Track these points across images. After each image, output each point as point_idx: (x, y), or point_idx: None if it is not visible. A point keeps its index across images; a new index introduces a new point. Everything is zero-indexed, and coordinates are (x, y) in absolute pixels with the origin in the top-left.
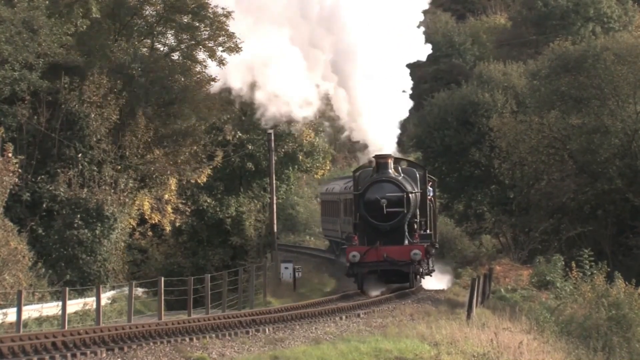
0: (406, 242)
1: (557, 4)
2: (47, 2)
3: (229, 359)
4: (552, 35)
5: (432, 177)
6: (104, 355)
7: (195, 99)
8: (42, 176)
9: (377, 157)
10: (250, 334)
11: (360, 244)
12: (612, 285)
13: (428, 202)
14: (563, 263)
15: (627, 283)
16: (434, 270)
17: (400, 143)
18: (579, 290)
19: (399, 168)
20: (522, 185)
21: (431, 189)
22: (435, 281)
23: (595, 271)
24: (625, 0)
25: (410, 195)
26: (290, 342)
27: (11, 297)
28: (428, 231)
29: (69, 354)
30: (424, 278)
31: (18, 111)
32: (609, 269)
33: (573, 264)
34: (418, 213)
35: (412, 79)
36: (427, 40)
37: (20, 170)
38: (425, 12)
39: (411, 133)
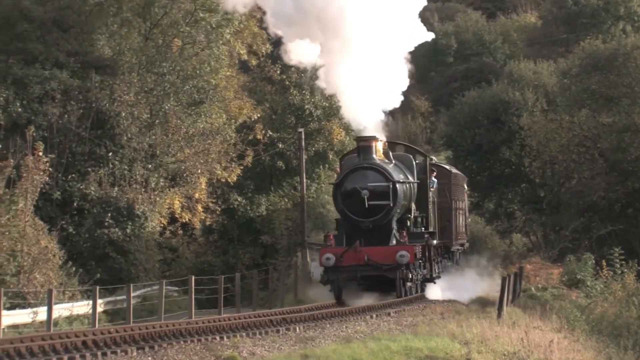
0: (394, 242)
1: (588, 3)
2: (77, 1)
3: (260, 358)
4: (582, 33)
5: (460, 172)
6: (135, 354)
7: (226, 98)
8: (73, 175)
9: (358, 139)
10: (281, 332)
11: (338, 245)
12: None
13: (430, 195)
14: (593, 262)
15: None
16: (439, 277)
17: (430, 141)
18: (610, 288)
19: (390, 153)
20: (552, 184)
21: (435, 180)
22: (449, 290)
23: (625, 270)
24: None
25: (398, 185)
26: (321, 340)
27: (42, 296)
28: (430, 229)
29: (99, 353)
30: (434, 283)
31: (49, 110)
32: (639, 268)
33: (604, 263)
34: (414, 207)
35: (441, 79)
36: (457, 40)
37: (50, 169)
38: (455, 11)
39: (441, 131)
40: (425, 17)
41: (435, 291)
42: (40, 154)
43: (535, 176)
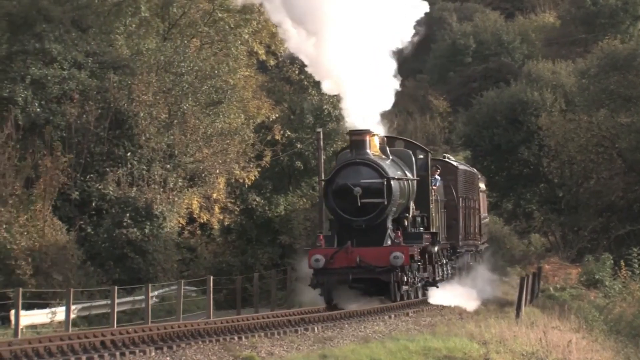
0: (388, 242)
1: (607, 3)
2: (96, 1)
3: (278, 358)
4: (601, 33)
5: (472, 169)
6: (153, 354)
7: (244, 98)
8: (91, 175)
9: (351, 133)
10: (299, 332)
11: (329, 245)
12: None
13: (433, 193)
14: (612, 262)
15: None
16: (441, 280)
17: (448, 141)
18: (628, 289)
19: (387, 149)
20: (571, 184)
21: (438, 177)
22: (452, 294)
23: None
24: None
25: (392, 182)
26: (339, 340)
27: (60, 296)
28: (433, 229)
29: (117, 353)
30: (437, 287)
31: (67, 110)
32: None
33: (622, 263)
34: (412, 206)
35: (460, 79)
36: (476, 40)
37: (69, 169)
38: (474, 11)
39: (460, 131)
40: (443, 17)
41: (439, 296)
42: (59, 154)
43: (553, 176)
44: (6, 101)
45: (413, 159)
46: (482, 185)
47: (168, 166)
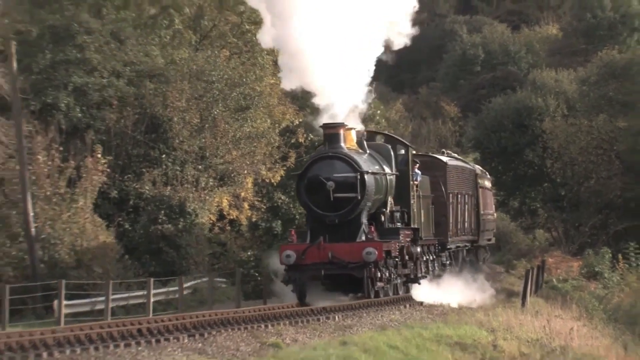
0: (362, 238)
1: (605, 16)
2: (133, 14)
3: (301, 344)
4: (600, 44)
5: (469, 165)
6: (186, 340)
7: (270, 104)
8: (129, 175)
9: (324, 126)
10: (321, 321)
11: (302, 241)
12: None
13: (414, 188)
14: (610, 255)
15: None
16: (424, 277)
17: (459, 144)
18: (626, 280)
19: (365, 143)
20: (572, 184)
21: (418, 172)
22: (439, 291)
23: None
24: None
25: (367, 176)
26: (358, 328)
27: (100, 287)
28: (414, 225)
29: (153, 340)
30: (418, 283)
31: (106, 115)
32: None
33: (620, 256)
34: (391, 201)
35: (470, 87)
36: (484, 50)
37: (108, 169)
38: (482, 24)
39: (469, 135)
40: (454, 29)
41: (423, 292)
42: (99, 156)
43: (556, 176)
44: (50, 107)
45: (392, 153)
46: (487, 184)
47: (200, 167)
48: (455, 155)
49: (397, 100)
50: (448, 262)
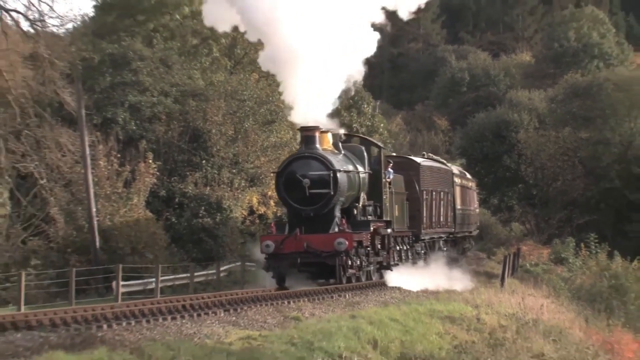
0: (336, 230)
1: (570, 45)
2: (178, 44)
3: (318, 317)
4: (566, 69)
5: (445, 165)
6: (222, 314)
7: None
8: (175, 177)
9: (302, 129)
10: (334, 298)
11: (280, 232)
12: (612, 261)
13: (387, 185)
14: (574, 244)
15: (623, 259)
16: (396, 264)
17: (448, 152)
18: (587, 264)
19: (340, 144)
20: (542, 185)
21: (391, 170)
22: (411, 277)
23: (599, 250)
24: (622, 42)
25: (339, 174)
26: (365, 304)
27: (151, 270)
28: (387, 218)
29: (195, 314)
30: (391, 270)
31: (156, 128)
32: (609, 249)
33: (582, 245)
34: (364, 197)
35: (457, 104)
36: (469, 74)
37: (158, 173)
38: (468, 52)
39: (457, 144)
40: (445, 56)
41: (395, 278)
42: (150, 161)
43: (529, 178)
44: (110, 121)
45: (365, 154)
46: (467, 183)
47: (234, 171)
48: (433, 156)
49: (397, 116)
50: (423, 252)
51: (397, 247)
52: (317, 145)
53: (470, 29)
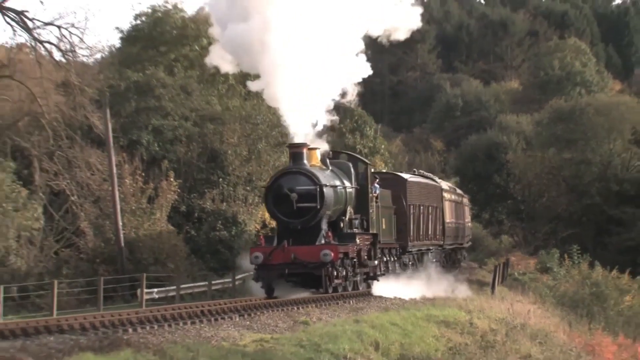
0: (322, 241)
1: (554, 74)
2: (197, 72)
3: (324, 322)
4: (551, 95)
5: (434, 182)
6: (237, 319)
7: None
8: (194, 194)
9: (290, 146)
10: (339, 304)
11: (269, 244)
12: (593, 271)
13: (373, 199)
14: (558, 255)
15: (603, 269)
16: (382, 275)
17: (443, 170)
18: (570, 274)
19: (328, 161)
20: (529, 201)
21: (377, 185)
22: (397, 287)
23: (581, 261)
24: (602, 71)
25: (325, 189)
26: (367, 310)
27: (172, 279)
28: (373, 231)
29: (212, 319)
30: (377, 280)
31: (177, 149)
32: (590, 259)
33: (565, 256)
34: (350, 210)
35: (452, 127)
36: (463, 100)
37: (179, 190)
38: (461, 80)
39: (452, 164)
40: (440, 84)
41: (382, 288)
42: (171, 179)
43: (517, 195)
44: (135, 143)
45: (352, 169)
46: (457, 198)
47: (248, 188)
48: (424, 173)
49: (397, 138)
50: (410, 263)
51: (384, 259)
52: (305, 161)
53: (464, 59)
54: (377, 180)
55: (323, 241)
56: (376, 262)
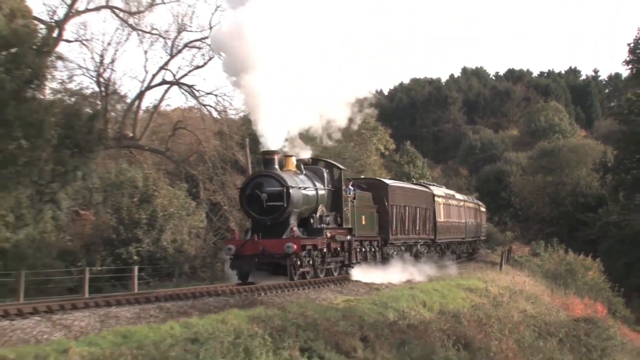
0: (288, 235)
1: (541, 125)
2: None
3: (390, 288)
4: (538, 139)
5: (418, 187)
6: (333, 287)
7: (375, 170)
8: None
9: (263, 153)
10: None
11: (244, 238)
12: (567, 255)
13: (348, 199)
14: (544, 244)
15: (574, 254)
16: (357, 263)
17: (468, 189)
18: (552, 257)
19: (302, 166)
20: (524, 209)
21: (352, 187)
22: (376, 274)
23: (559, 248)
24: (572, 123)
25: (292, 190)
26: (418, 280)
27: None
28: (348, 226)
29: (316, 287)
30: (352, 267)
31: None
32: (565, 248)
33: (549, 245)
34: (322, 208)
35: (472, 161)
36: (480, 142)
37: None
38: (479, 129)
39: (473, 186)
40: (465, 131)
41: (358, 274)
42: None
43: (516, 205)
44: None
45: (325, 174)
46: (453, 202)
47: None
48: (423, 182)
49: (437, 167)
50: (394, 252)
51: (363, 249)
52: (276, 167)
53: (481, 115)
54: (351, 182)
55: (289, 235)
56: (351, 252)
